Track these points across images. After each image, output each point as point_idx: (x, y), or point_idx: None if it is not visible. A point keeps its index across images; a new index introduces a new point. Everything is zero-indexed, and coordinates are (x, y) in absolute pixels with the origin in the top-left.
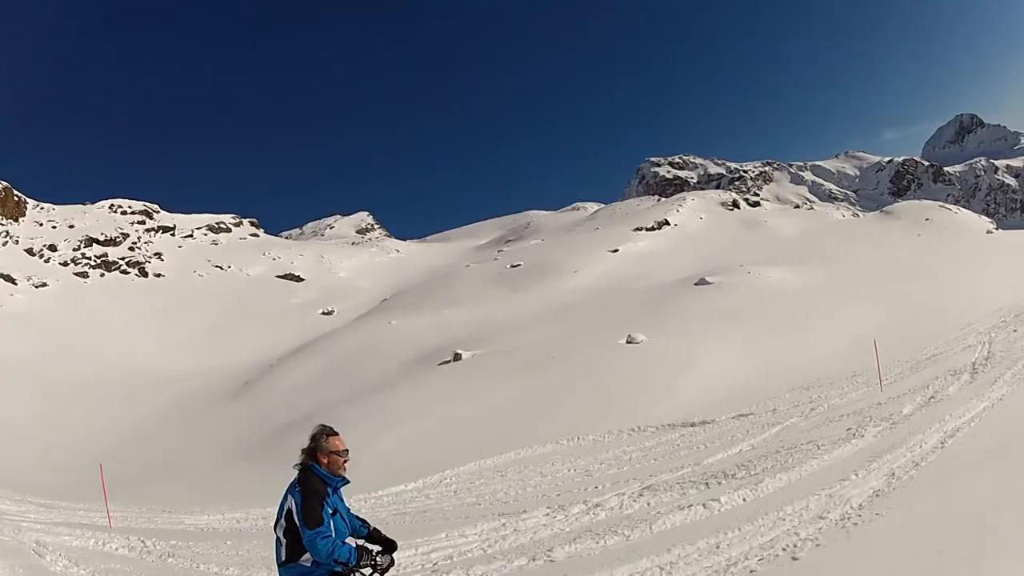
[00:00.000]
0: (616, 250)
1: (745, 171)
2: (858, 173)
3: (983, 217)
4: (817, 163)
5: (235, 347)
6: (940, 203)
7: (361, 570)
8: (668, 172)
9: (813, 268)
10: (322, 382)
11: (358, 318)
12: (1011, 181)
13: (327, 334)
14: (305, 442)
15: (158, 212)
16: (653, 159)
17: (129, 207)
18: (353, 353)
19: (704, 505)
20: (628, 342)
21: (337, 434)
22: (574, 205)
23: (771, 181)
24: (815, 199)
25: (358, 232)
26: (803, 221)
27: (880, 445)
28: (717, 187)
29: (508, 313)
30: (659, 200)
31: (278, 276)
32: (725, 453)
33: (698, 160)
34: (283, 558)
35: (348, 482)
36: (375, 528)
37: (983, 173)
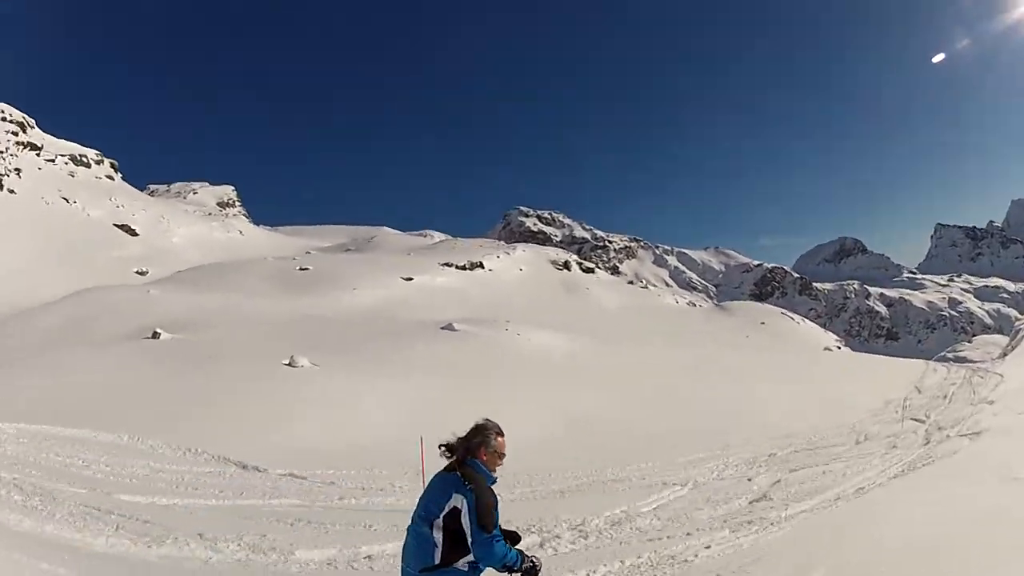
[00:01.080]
0: (410, 279)
1: (611, 242)
2: (723, 269)
3: (830, 334)
4: (684, 250)
5: (38, 282)
6: (783, 311)
7: (517, 574)
8: (534, 225)
9: (597, 343)
10: (54, 332)
11: (146, 284)
12: (881, 309)
13: (101, 288)
14: (458, 432)
15: (33, 128)
16: (523, 208)
17: (9, 115)
18: (87, 313)
19: None
20: (288, 364)
21: (504, 435)
22: (422, 231)
23: (634, 257)
24: (674, 284)
25: (218, 204)
26: (629, 298)
27: None
28: (579, 251)
29: (252, 310)
30: (523, 250)
31: (115, 224)
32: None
33: (567, 220)
34: (435, 561)
35: (496, 481)
36: None
37: (853, 296)
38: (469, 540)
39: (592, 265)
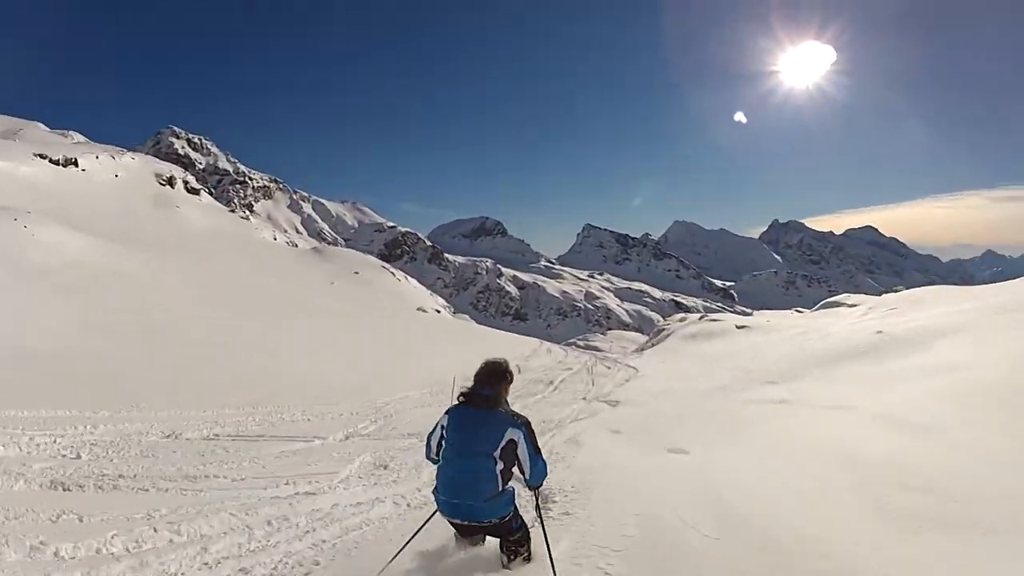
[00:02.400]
0: None
1: (251, 179)
2: (356, 225)
3: (438, 298)
4: (321, 200)
5: None
6: (385, 265)
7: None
8: (182, 148)
9: (127, 254)
10: None
11: None
12: (512, 289)
13: None
14: (464, 372)
15: None
16: (176, 128)
17: None
18: None
19: None
20: None
21: None
22: (65, 131)
23: (270, 198)
24: (304, 232)
25: None
26: (222, 225)
27: None
28: (219, 182)
29: None
30: (132, 157)
31: None
32: None
33: (215, 149)
34: (498, 489)
35: None
36: None
37: (485, 272)
38: (527, 464)
39: (199, 187)
